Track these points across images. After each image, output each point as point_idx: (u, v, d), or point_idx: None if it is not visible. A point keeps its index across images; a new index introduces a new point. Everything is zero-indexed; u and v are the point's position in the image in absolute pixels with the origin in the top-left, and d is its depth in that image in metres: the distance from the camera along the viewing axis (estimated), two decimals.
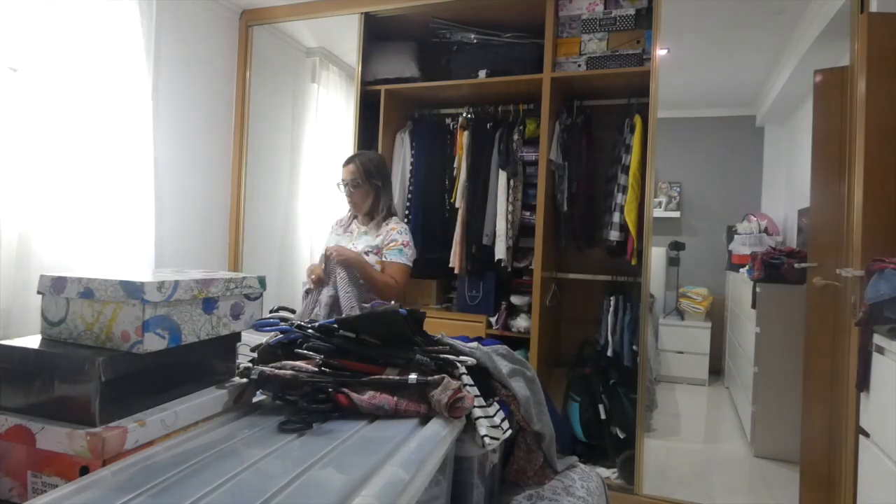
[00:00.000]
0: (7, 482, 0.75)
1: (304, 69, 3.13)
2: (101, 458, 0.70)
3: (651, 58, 2.32)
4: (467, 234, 2.77)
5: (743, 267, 3.39)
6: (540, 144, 2.57)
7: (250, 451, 0.75)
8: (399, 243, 2.02)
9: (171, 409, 0.82)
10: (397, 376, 0.90)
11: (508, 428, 1.00)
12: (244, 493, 0.62)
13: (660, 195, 4.18)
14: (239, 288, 0.97)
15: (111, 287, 0.80)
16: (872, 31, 1.92)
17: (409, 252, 2.04)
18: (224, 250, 3.00)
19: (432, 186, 2.94)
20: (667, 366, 3.90)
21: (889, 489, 1.48)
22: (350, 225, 2.17)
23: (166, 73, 2.55)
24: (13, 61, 1.88)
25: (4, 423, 0.76)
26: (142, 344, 0.78)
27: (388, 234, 2.04)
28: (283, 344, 1.02)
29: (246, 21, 3.00)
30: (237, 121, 3.02)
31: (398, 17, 2.79)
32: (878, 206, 1.90)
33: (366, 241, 2.05)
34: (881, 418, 1.57)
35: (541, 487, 1.13)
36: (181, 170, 2.69)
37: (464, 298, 2.86)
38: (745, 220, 3.68)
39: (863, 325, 1.62)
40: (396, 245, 2.02)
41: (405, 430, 0.81)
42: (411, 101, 3.07)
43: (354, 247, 2.04)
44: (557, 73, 2.55)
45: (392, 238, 2.03)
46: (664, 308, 3.99)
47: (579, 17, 2.55)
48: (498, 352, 1.16)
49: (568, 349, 2.94)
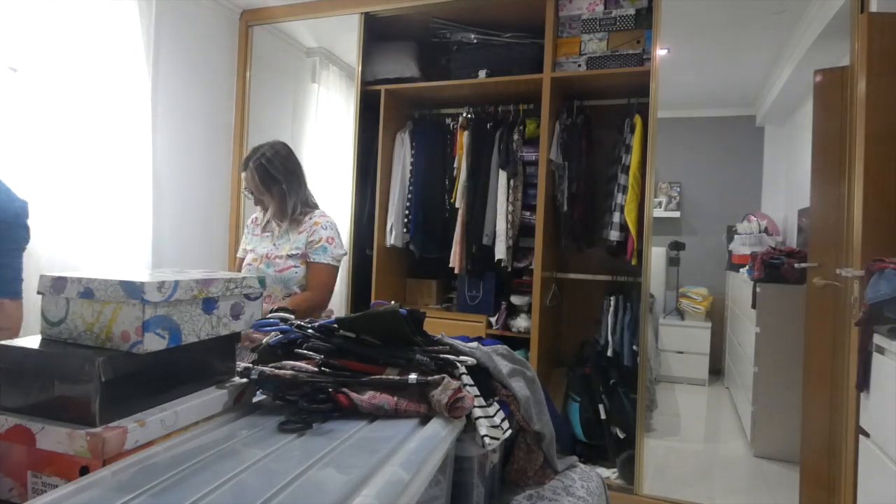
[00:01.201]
0: (7, 482, 0.75)
1: (304, 69, 3.13)
2: (101, 458, 0.70)
3: (651, 58, 2.32)
4: (467, 234, 2.77)
5: (743, 267, 3.39)
6: (540, 144, 2.57)
7: (250, 451, 0.75)
8: (323, 240, 1.88)
9: (171, 409, 0.82)
10: (397, 376, 0.90)
11: (508, 428, 1.00)
12: (244, 493, 0.62)
13: (660, 195, 4.18)
14: (239, 288, 0.97)
15: (111, 287, 0.80)
16: (872, 31, 1.92)
17: (335, 249, 1.89)
18: (224, 250, 3.00)
19: (432, 186, 2.94)
20: (667, 366, 3.90)
21: (889, 489, 1.48)
22: (268, 224, 1.98)
23: (166, 73, 2.55)
24: (13, 61, 1.88)
25: (4, 423, 0.75)
26: (142, 344, 0.78)
27: (312, 230, 1.89)
28: (283, 344, 1.02)
29: (246, 21, 3.00)
30: (237, 121, 3.02)
31: (398, 17, 2.79)
32: (877, 206, 1.90)
33: (288, 242, 1.90)
34: (881, 418, 1.57)
35: (541, 487, 1.13)
36: (181, 170, 2.69)
37: (464, 298, 2.86)
38: (745, 220, 3.68)
39: (863, 325, 1.62)
40: (320, 243, 1.88)
41: (405, 430, 0.81)
42: (411, 101, 3.07)
43: (277, 249, 1.90)
44: (557, 73, 2.55)
45: (315, 235, 1.88)
46: (664, 308, 3.99)
47: (579, 17, 2.55)
48: (498, 352, 1.16)
49: (568, 349, 2.94)
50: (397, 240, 2.87)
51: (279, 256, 1.89)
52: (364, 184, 2.91)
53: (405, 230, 2.90)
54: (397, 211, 2.88)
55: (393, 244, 2.87)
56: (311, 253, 1.88)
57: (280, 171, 1.90)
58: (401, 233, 2.88)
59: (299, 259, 1.88)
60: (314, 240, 1.88)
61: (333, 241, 1.90)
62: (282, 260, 1.88)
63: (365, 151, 2.87)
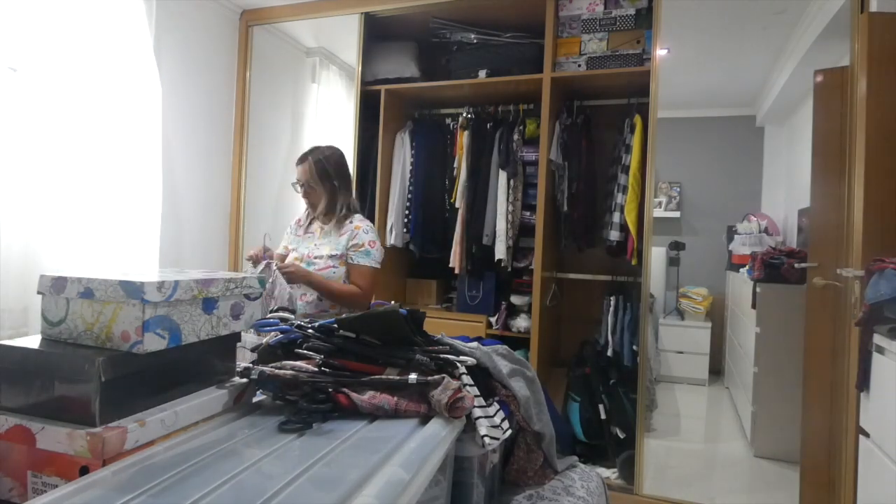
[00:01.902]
0: (7, 482, 0.75)
1: (304, 69, 3.13)
2: (101, 458, 0.70)
3: (651, 58, 2.32)
4: (467, 234, 2.77)
5: (743, 267, 3.39)
6: (540, 144, 2.57)
7: (250, 451, 0.75)
8: (366, 244, 1.96)
9: (171, 409, 0.82)
10: (397, 376, 0.90)
11: (508, 428, 1.00)
12: (244, 493, 0.62)
13: (660, 195, 4.18)
14: (239, 288, 0.97)
15: (111, 287, 0.80)
16: (872, 31, 1.92)
17: (376, 253, 1.98)
18: (224, 250, 3.00)
19: (432, 186, 2.94)
20: (667, 366, 3.91)
21: (889, 489, 1.48)
22: (310, 225, 2.08)
23: (166, 72, 2.55)
24: (13, 61, 1.88)
25: (4, 423, 0.76)
26: (142, 344, 0.78)
27: (353, 233, 1.97)
28: (283, 344, 1.02)
29: (246, 21, 3.00)
30: (237, 121, 3.02)
31: (398, 17, 2.79)
32: (878, 205, 1.89)
33: (329, 244, 1.98)
34: (881, 418, 1.57)
35: (541, 487, 1.13)
36: (181, 170, 2.68)
37: (464, 298, 2.86)
38: (745, 220, 3.68)
39: (863, 325, 1.62)
40: (363, 247, 1.96)
41: (405, 430, 0.81)
42: (411, 101, 3.07)
43: (317, 249, 1.99)
44: (557, 73, 2.55)
45: (358, 239, 1.97)
46: (664, 308, 3.99)
47: (579, 17, 2.55)
48: (498, 352, 1.16)
49: (568, 349, 2.94)
50: (397, 240, 2.87)
51: (319, 256, 1.97)
52: (364, 184, 2.91)
53: (405, 230, 2.90)
54: (397, 211, 2.89)
55: (393, 244, 2.87)
56: (354, 255, 1.96)
57: (335, 170, 2.01)
58: (401, 233, 2.88)
59: (338, 260, 1.96)
60: (357, 243, 1.97)
61: (375, 244, 2.00)
62: (322, 260, 1.96)
63: (365, 151, 2.87)
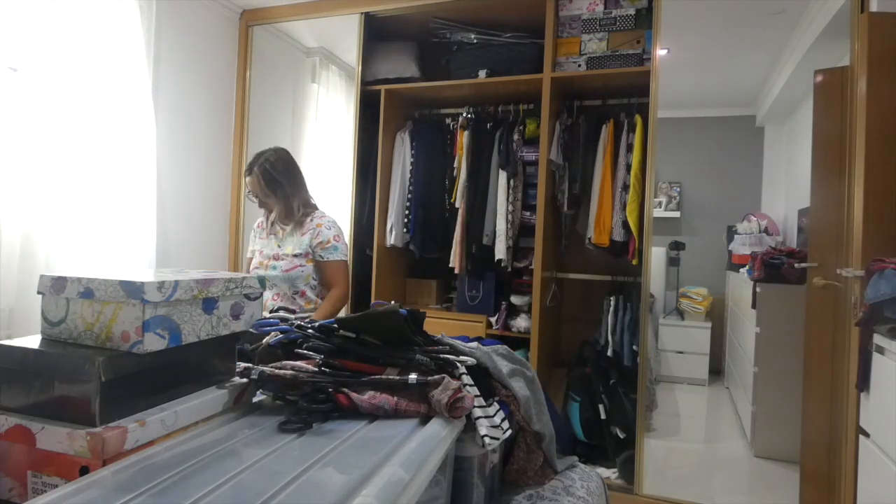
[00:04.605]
0: (7, 482, 0.75)
1: (304, 69, 3.13)
2: (101, 458, 0.70)
3: (651, 58, 2.32)
4: (467, 234, 2.77)
5: (743, 267, 3.39)
6: (540, 144, 2.57)
7: (250, 451, 0.75)
8: (331, 240, 2.01)
9: (171, 409, 0.82)
10: (397, 376, 0.90)
11: (508, 428, 1.00)
12: (244, 493, 0.62)
13: (660, 195, 4.18)
14: (239, 288, 0.97)
15: (111, 287, 0.80)
16: (872, 31, 1.92)
17: (343, 246, 2.04)
18: (224, 250, 3.00)
19: (432, 186, 2.94)
20: (667, 366, 3.90)
21: (889, 489, 1.48)
22: (272, 226, 2.09)
23: (166, 73, 2.55)
24: (13, 61, 1.88)
25: (4, 423, 0.76)
26: (142, 344, 0.78)
27: (316, 231, 2.01)
28: (283, 344, 1.02)
29: (246, 21, 3.00)
30: (237, 121, 3.02)
31: (398, 17, 2.79)
32: (878, 206, 1.90)
33: (292, 243, 2.02)
34: (881, 418, 1.57)
35: (541, 487, 1.13)
36: (181, 170, 2.69)
37: (464, 298, 2.86)
38: (745, 220, 3.67)
39: (863, 325, 1.62)
40: (329, 243, 2.01)
41: (405, 430, 0.81)
42: (411, 101, 3.07)
43: (282, 248, 2.02)
44: (557, 73, 2.55)
45: (322, 237, 2.00)
46: (664, 308, 3.99)
47: (579, 17, 2.55)
48: (498, 352, 1.16)
49: (568, 349, 2.94)
50: (397, 240, 2.87)
51: (284, 256, 2.01)
52: (364, 184, 2.91)
53: (405, 230, 2.89)
54: (397, 211, 2.88)
55: (393, 244, 2.87)
56: (322, 253, 2.00)
57: (283, 175, 2.02)
58: (401, 233, 2.88)
59: (304, 258, 1.99)
60: (322, 241, 2.00)
61: (340, 238, 2.04)
62: (287, 259, 2.00)
63: (365, 151, 2.87)
